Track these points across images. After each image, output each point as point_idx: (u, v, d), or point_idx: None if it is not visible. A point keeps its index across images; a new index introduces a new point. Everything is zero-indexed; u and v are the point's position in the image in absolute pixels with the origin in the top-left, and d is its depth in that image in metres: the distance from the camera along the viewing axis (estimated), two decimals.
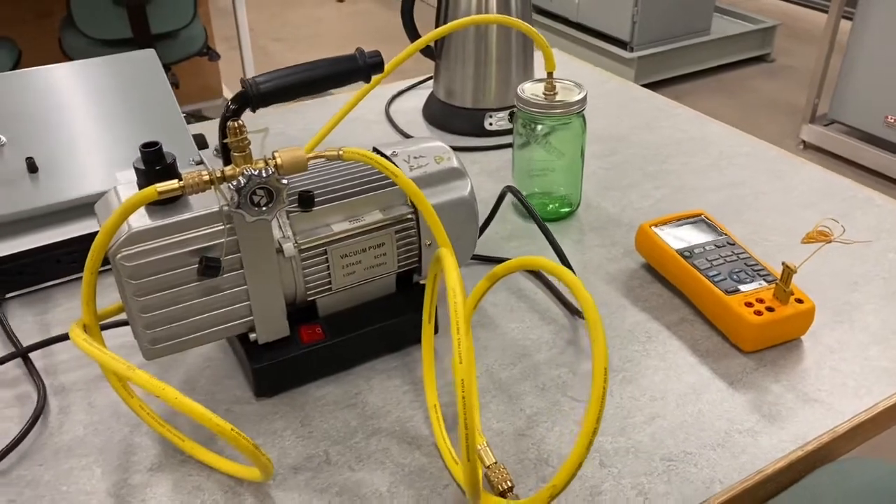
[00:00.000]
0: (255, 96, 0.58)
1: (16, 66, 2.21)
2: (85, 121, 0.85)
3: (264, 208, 0.54)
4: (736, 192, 0.93)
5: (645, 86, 3.26)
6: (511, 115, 1.09)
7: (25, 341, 0.71)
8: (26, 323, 0.74)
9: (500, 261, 0.81)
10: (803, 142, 2.90)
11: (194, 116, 2.97)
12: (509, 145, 1.06)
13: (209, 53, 2.48)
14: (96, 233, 0.78)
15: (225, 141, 0.54)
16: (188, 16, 2.30)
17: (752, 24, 3.59)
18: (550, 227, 0.88)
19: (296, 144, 1.05)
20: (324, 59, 0.60)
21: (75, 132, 0.83)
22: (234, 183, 0.53)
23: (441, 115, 1.13)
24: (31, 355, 0.69)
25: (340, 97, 1.18)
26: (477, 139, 1.08)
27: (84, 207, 0.81)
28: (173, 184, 0.54)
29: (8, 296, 0.77)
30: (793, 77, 3.50)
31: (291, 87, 0.58)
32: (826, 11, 2.67)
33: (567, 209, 0.90)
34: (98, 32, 2.22)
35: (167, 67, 2.40)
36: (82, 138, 0.83)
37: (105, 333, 0.71)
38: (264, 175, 0.53)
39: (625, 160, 1.01)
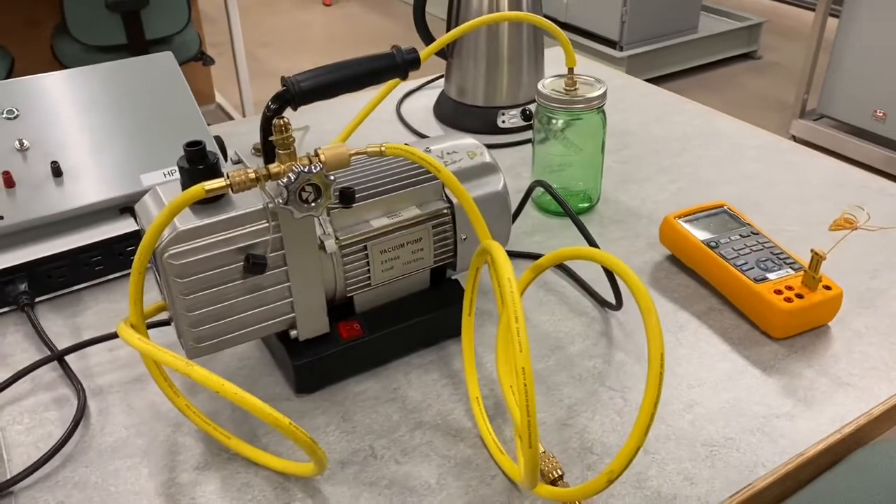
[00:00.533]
0: (296, 94, 0.58)
1: (9, 73, 2.20)
2: (107, 124, 0.85)
3: (312, 204, 0.55)
4: (751, 183, 0.94)
5: None
6: (524, 112, 1.10)
7: (58, 345, 0.71)
8: (57, 326, 0.74)
9: (524, 255, 0.82)
10: (793, 136, 2.93)
11: None
12: (522, 143, 1.07)
13: (203, 58, 2.48)
14: (123, 236, 0.79)
15: (270, 139, 0.55)
16: (183, 21, 2.29)
17: (739, 21, 3.63)
18: (566, 221, 0.88)
19: (314, 144, 1.05)
20: (362, 57, 0.61)
21: (98, 136, 0.83)
22: (284, 180, 0.53)
23: (453, 114, 1.13)
24: (67, 358, 0.69)
25: (357, 95, 1.18)
26: (490, 137, 1.09)
27: (109, 211, 0.81)
28: (221, 182, 0.54)
29: (38, 300, 0.76)
30: (779, 73, 3.54)
31: (332, 84, 0.59)
32: (810, 9, 2.72)
33: (587, 204, 0.91)
34: (92, 39, 2.21)
35: None
36: (105, 142, 0.83)
37: (155, 332, 0.70)
38: (313, 171, 0.53)
39: (638, 154, 1.02)
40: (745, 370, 0.67)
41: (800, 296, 0.69)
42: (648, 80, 1.31)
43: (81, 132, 0.83)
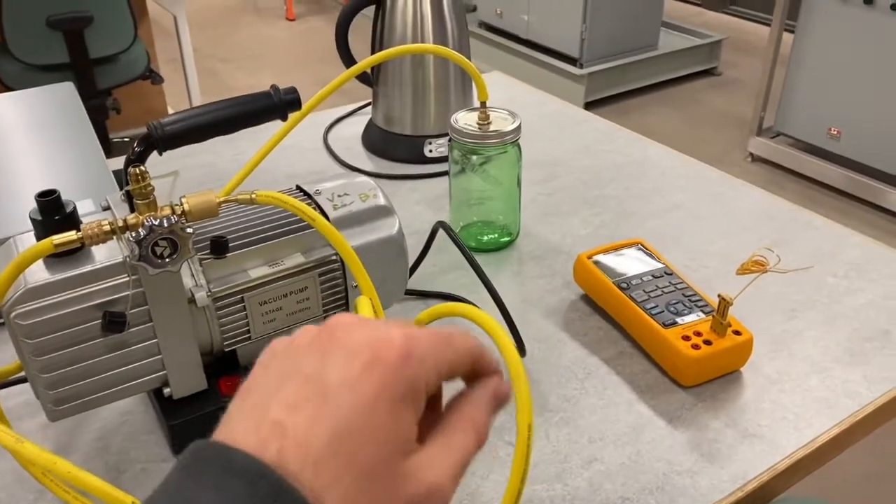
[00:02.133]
0: (160, 139, 0.55)
1: None
2: (2, 158, 0.80)
3: (168, 259, 0.51)
4: (676, 216, 0.92)
5: (595, 101, 3.30)
6: (451, 141, 1.07)
7: None
8: None
9: (435, 295, 0.79)
10: (751, 154, 2.94)
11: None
12: (448, 172, 1.04)
13: (152, 76, 2.43)
14: None
15: (127, 188, 0.51)
16: (128, 39, 2.25)
17: (699, 38, 3.65)
18: (489, 257, 0.86)
19: (224, 178, 1.01)
20: (237, 98, 0.57)
21: None
22: (135, 234, 0.49)
23: (380, 143, 1.10)
24: None
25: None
26: (417, 166, 1.06)
27: None
28: (70, 235, 0.50)
29: None
30: (740, 90, 3.56)
31: (200, 128, 0.55)
32: (769, 24, 2.72)
33: (507, 238, 0.88)
34: (34, 58, 2.15)
35: (108, 92, 2.34)
36: None
37: (11, 390, 0.66)
38: (166, 224, 0.50)
39: (564, 186, 1.00)
40: (650, 422, 0.64)
41: (708, 342, 0.66)
42: (609, 97, 1.29)
43: None
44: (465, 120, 0.83)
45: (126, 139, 2.80)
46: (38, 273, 0.52)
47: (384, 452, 0.29)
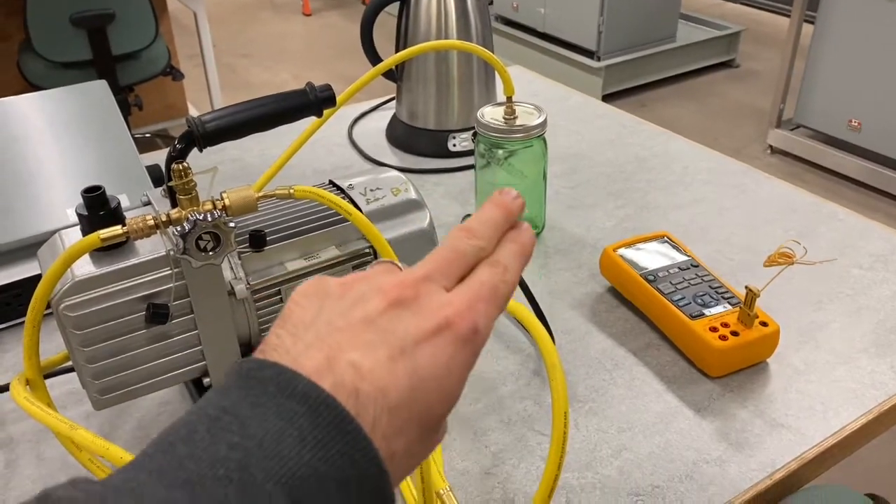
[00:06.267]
0: (201, 136, 0.56)
1: None
2: (35, 156, 0.82)
3: (211, 253, 0.52)
4: (700, 209, 0.93)
5: (613, 94, 3.29)
6: (475, 135, 1.08)
7: None
8: None
9: None
10: (770, 146, 2.93)
11: (160, 136, 2.94)
12: (472, 166, 1.05)
13: (172, 73, 2.45)
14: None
15: (170, 184, 0.52)
16: (150, 36, 2.27)
17: (717, 30, 3.63)
18: None
19: (253, 173, 1.03)
20: (273, 95, 0.59)
21: (25, 168, 0.81)
22: (179, 229, 0.51)
23: (405, 137, 1.12)
24: None
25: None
26: (441, 160, 1.07)
27: (35, 247, 0.78)
28: (116, 230, 0.52)
29: None
30: (758, 81, 3.54)
31: (239, 125, 0.57)
32: (788, 16, 2.70)
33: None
34: (57, 55, 2.18)
35: (130, 88, 2.37)
36: (33, 174, 0.81)
37: (56, 380, 0.68)
38: (210, 219, 0.51)
39: (588, 179, 1.00)
40: (678, 411, 0.65)
41: (735, 333, 0.67)
42: (627, 90, 1.30)
43: (7, 164, 0.81)
44: (491, 114, 0.84)
45: (147, 135, 2.83)
46: (85, 266, 0.54)
47: (447, 411, 0.31)
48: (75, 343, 0.54)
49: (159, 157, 1.11)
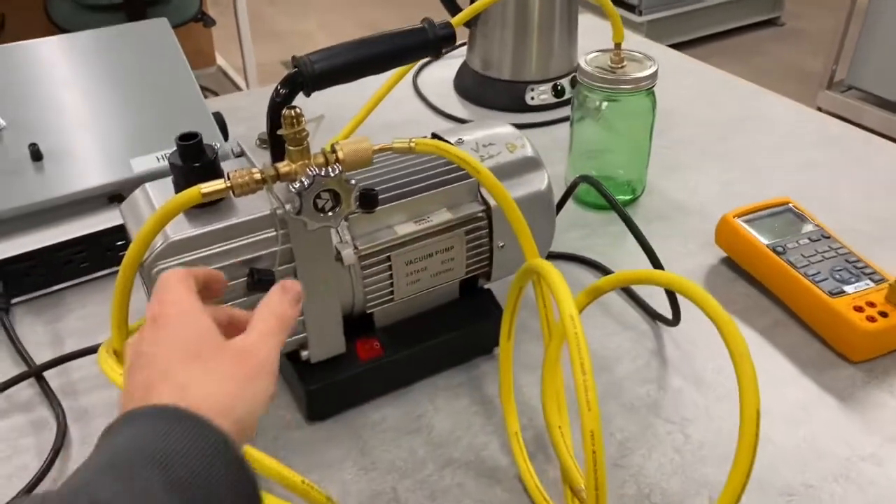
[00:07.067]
0: (309, 77, 0.49)
1: None
2: (93, 101, 0.75)
3: (329, 213, 0.46)
4: (812, 175, 0.85)
5: None
6: (555, 88, 1.00)
7: (36, 355, 0.62)
8: (35, 334, 0.65)
9: (563, 256, 0.73)
10: (819, 109, 2.81)
11: None
12: (553, 122, 0.97)
13: (204, 19, 2.35)
14: (111, 228, 0.70)
15: (279, 132, 0.45)
16: None
17: None
18: (610, 215, 0.79)
19: (327, 123, 0.95)
20: (387, 33, 0.51)
21: (83, 114, 0.74)
22: (296, 185, 0.44)
23: (476, 88, 1.04)
24: (46, 374, 0.60)
25: None
26: (517, 115, 0.99)
27: (96, 200, 0.72)
28: (219, 184, 0.45)
29: (14, 301, 0.68)
30: (804, 41, 3.40)
31: (352, 65, 0.49)
32: None
33: (629, 196, 0.81)
34: None
35: None
36: (91, 121, 0.74)
37: None
38: (331, 174, 0.44)
39: (685, 138, 0.92)
40: (819, 399, 0.59)
41: (884, 314, 0.60)
42: (669, 47, 1.20)
43: (64, 110, 0.74)
44: (595, 62, 0.76)
45: None
46: (180, 226, 0.47)
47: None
48: None
49: (211, 104, 1.04)
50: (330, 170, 0.44)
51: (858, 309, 0.61)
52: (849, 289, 0.62)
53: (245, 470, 0.32)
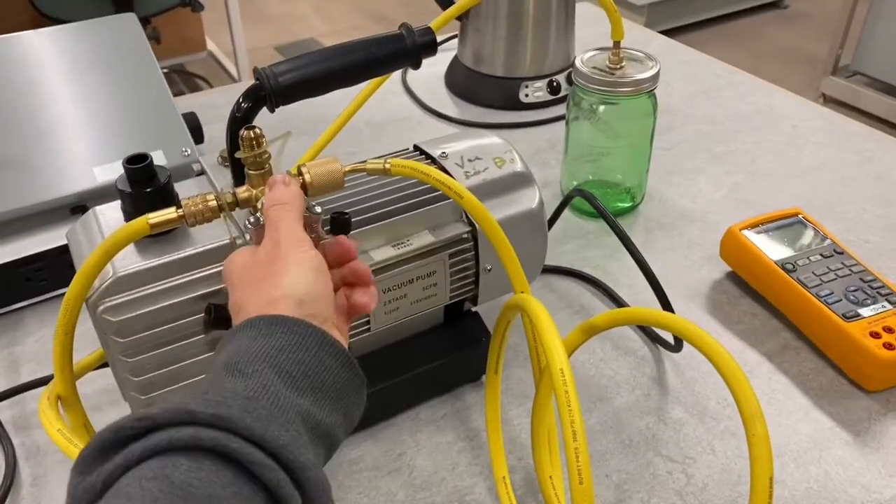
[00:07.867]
0: (273, 92, 0.44)
1: None
2: (54, 104, 0.70)
3: None
4: (820, 178, 0.80)
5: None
6: (551, 84, 0.95)
7: None
8: None
9: (556, 271, 0.69)
10: (823, 95, 2.75)
11: (176, 72, 2.78)
12: (548, 121, 0.92)
13: (192, 3, 2.29)
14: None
15: (237, 155, 0.41)
16: None
17: None
18: (605, 224, 0.75)
19: (300, 128, 0.90)
20: (360, 41, 0.46)
21: (43, 118, 0.69)
22: (251, 220, 0.39)
23: (467, 84, 0.98)
24: None
25: None
26: (510, 113, 0.94)
27: (58, 211, 0.67)
28: (170, 213, 0.40)
29: None
30: (808, 25, 3.33)
31: (321, 78, 0.44)
32: None
33: (627, 203, 0.76)
34: None
35: (147, 20, 2.22)
36: (52, 126, 0.69)
37: (96, 374, 0.57)
38: None
39: (685, 138, 0.88)
40: (832, 434, 0.54)
41: None
42: (668, 31, 1.16)
43: (22, 114, 0.69)
44: (592, 62, 0.71)
45: (165, 70, 2.68)
46: (129, 258, 0.43)
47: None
48: (116, 352, 0.43)
49: (186, 102, 0.99)
50: None
51: (875, 335, 0.56)
52: (864, 312, 0.58)
53: (340, 351, 0.37)
